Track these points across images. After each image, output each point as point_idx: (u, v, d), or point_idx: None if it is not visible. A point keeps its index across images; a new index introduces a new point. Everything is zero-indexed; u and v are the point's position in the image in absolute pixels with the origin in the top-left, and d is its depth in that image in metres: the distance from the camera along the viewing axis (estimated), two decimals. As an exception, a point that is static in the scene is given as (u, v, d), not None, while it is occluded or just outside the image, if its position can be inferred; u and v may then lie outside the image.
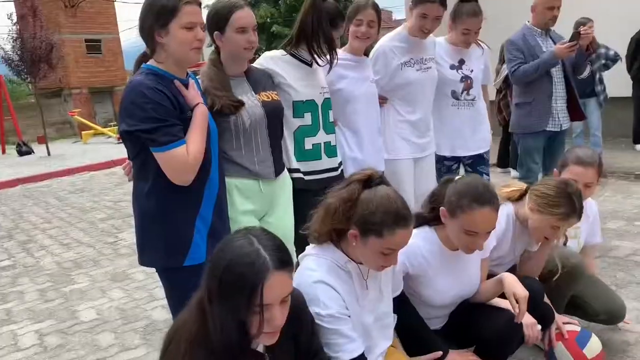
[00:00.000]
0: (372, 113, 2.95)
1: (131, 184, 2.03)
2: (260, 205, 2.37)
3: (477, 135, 3.39)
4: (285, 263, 1.39)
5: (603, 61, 5.83)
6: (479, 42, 3.40)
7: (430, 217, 2.12)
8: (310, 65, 2.62)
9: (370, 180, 1.76)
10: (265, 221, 2.40)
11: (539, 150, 3.92)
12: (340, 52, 2.84)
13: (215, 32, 2.28)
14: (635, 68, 6.58)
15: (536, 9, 3.79)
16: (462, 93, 3.31)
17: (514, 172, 5.92)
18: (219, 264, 1.35)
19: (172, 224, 1.93)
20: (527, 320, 2.06)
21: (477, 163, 3.45)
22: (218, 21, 2.26)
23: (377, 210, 1.68)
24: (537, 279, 2.33)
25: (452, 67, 3.31)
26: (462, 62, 3.32)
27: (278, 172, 2.43)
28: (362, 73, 2.92)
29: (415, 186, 3.16)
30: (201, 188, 1.98)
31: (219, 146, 2.15)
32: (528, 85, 3.81)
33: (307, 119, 2.60)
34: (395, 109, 3.14)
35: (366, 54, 3.03)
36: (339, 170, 2.76)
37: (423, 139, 3.19)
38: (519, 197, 2.38)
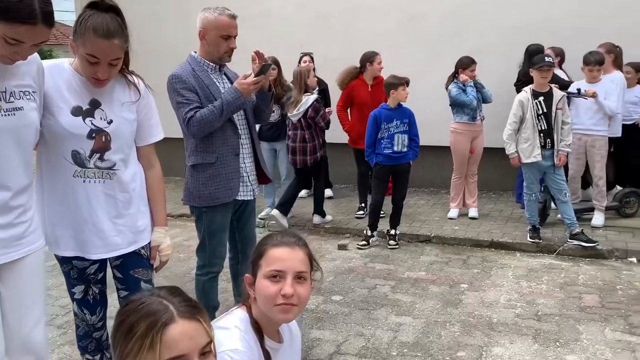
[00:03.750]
0: None
1: None
2: None
3: (122, 225, 2.09)
4: None
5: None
6: (135, 81, 2.09)
7: None
8: None
9: None
10: None
11: (226, 229, 2.89)
12: None
13: None
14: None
15: (206, 37, 2.71)
16: (91, 157, 1.99)
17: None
18: None
19: None
20: None
21: (129, 265, 2.16)
22: None
23: None
24: None
25: (75, 111, 1.96)
26: (95, 104, 1.99)
27: None
28: None
29: (6, 309, 1.78)
30: None
31: None
32: (208, 140, 2.74)
33: None
34: None
35: None
36: None
37: (10, 230, 1.77)
38: None
